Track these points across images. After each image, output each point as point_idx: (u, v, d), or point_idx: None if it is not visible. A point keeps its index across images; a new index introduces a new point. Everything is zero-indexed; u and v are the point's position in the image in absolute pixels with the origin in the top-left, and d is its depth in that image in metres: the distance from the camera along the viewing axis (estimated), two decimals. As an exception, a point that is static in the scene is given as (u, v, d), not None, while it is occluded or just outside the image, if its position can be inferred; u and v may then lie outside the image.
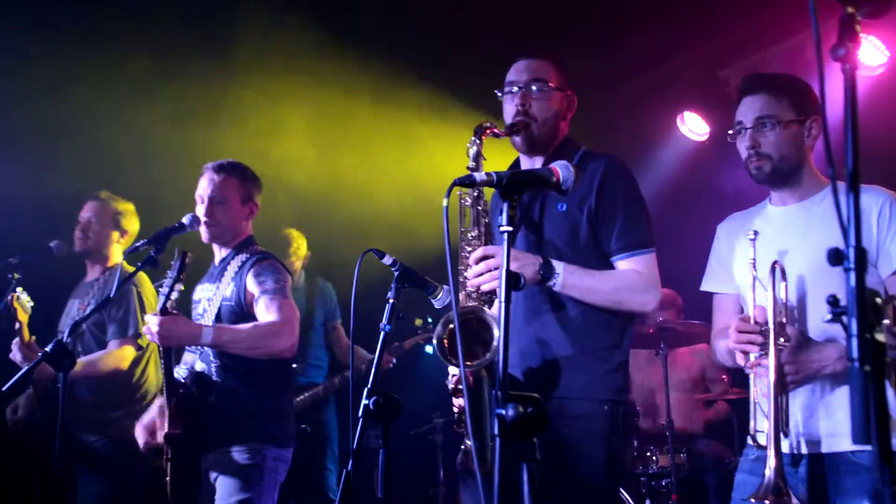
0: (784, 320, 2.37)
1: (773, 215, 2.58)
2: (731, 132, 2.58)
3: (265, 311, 3.29)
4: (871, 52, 4.70)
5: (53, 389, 3.95)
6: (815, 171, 2.55)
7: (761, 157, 2.48)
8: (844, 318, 1.29)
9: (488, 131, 2.69)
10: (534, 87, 2.73)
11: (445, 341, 2.47)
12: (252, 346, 3.24)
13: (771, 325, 2.34)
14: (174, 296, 3.15)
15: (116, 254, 4.39)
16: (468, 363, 2.37)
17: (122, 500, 4.06)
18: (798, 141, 2.49)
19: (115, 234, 4.37)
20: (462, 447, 2.61)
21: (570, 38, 2.82)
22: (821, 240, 2.37)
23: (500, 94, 2.81)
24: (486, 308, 2.49)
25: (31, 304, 3.95)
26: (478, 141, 2.67)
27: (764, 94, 2.51)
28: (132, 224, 4.44)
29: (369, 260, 2.51)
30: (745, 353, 2.40)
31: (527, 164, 2.82)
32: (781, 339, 2.32)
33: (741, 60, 5.40)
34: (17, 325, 3.89)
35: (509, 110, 2.75)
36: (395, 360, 5.30)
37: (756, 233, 2.49)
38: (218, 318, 3.36)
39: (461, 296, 2.58)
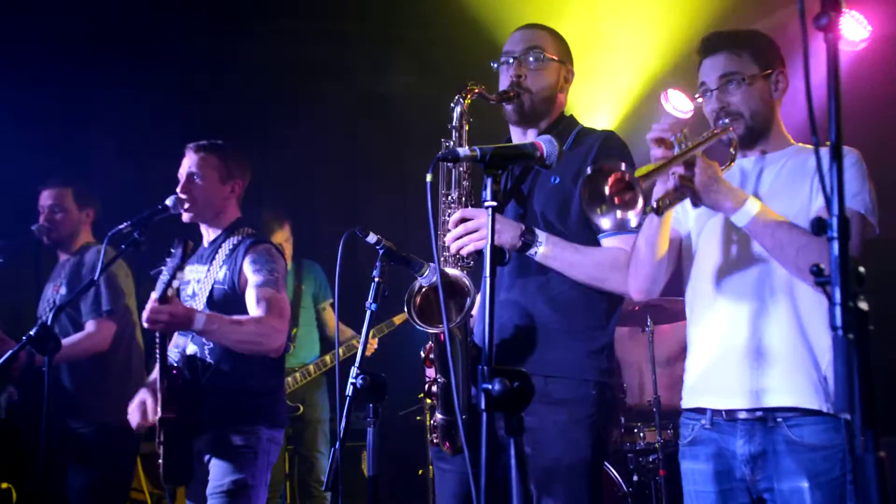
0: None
1: (732, 169, 2.43)
2: (697, 95, 2.49)
3: (255, 304, 3.26)
4: (852, 26, 4.71)
5: (33, 375, 3.92)
6: (782, 129, 2.48)
7: (731, 115, 2.38)
8: (828, 288, 1.30)
9: (474, 92, 2.60)
10: (530, 58, 2.66)
11: (418, 301, 2.45)
12: (241, 340, 3.21)
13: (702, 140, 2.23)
14: (175, 283, 3.12)
15: (85, 233, 4.35)
16: (439, 325, 2.34)
17: (111, 486, 4.05)
18: (766, 96, 2.41)
19: (82, 215, 4.33)
20: (433, 422, 2.56)
21: (553, 15, 2.79)
22: (768, 193, 2.34)
23: (495, 65, 2.74)
24: (461, 271, 2.46)
25: None
26: (462, 101, 2.59)
27: (724, 52, 2.42)
28: (93, 201, 4.38)
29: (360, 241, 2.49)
30: (661, 141, 2.22)
31: (518, 136, 2.75)
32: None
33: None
34: None
35: (504, 81, 2.69)
36: (376, 346, 5.27)
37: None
38: (210, 300, 3.34)
39: (440, 260, 2.52)
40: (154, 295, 3.08)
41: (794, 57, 2.50)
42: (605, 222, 2.11)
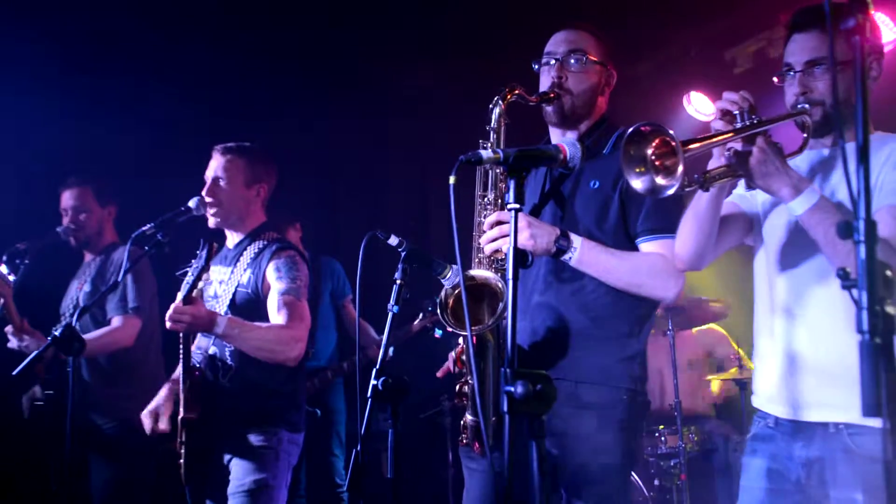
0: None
1: (800, 159, 2.28)
2: (777, 75, 2.30)
3: (276, 311, 3.27)
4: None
5: (58, 372, 3.95)
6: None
7: (812, 103, 2.19)
8: (854, 291, 1.29)
9: (514, 93, 2.57)
10: (572, 60, 2.64)
11: (450, 303, 2.44)
12: (260, 347, 3.22)
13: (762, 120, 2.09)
14: (200, 285, 3.13)
15: (109, 230, 4.37)
16: (472, 327, 2.31)
17: (134, 484, 4.08)
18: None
19: (104, 212, 4.35)
20: (462, 422, 2.57)
21: (574, 16, 2.78)
22: (838, 185, 2.20)
23: (536, 66, 2.72)
24: (498, 275, 2.44)
25: (12, 277, 3.84)
26: (501, 102, 2.57)
27: (818, 31, 2.20)
28: (113, 197, 4.39)
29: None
30: (725, 113, 2.09)
31: (557, 137, 2.72)
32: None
33: (748, 39, 5.36)
34: (1, 301, 3.77)
35: (545, 82, 2.66)
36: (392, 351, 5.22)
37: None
38: (233, 303, 3.35)
39: (474, 262, 2.52)
40: (179, 296, 3.10)
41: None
42: (638, 184, 2.04)
